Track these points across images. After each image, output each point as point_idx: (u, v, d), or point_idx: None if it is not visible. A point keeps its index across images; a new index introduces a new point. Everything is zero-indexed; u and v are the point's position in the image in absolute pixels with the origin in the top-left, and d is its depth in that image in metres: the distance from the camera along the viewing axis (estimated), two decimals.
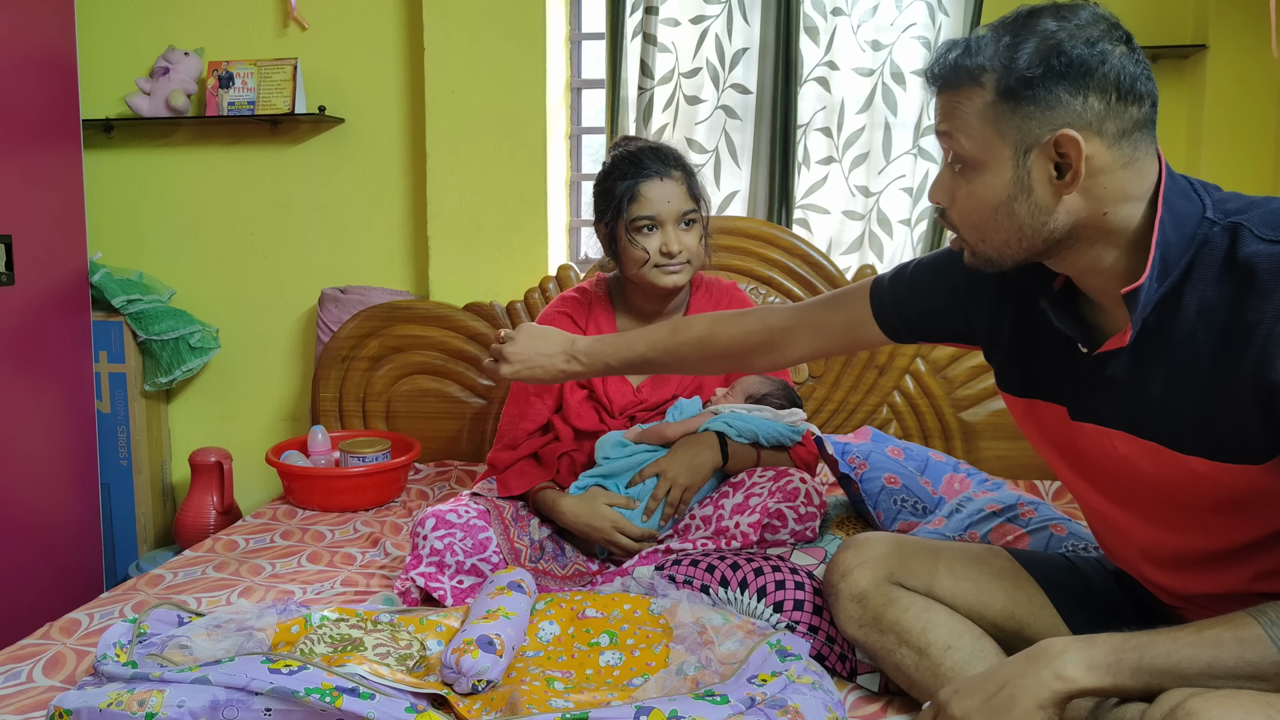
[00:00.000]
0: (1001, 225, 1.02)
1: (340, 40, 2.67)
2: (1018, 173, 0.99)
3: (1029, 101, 0.97)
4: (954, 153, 1.04)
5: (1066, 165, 0.97)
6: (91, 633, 1.54)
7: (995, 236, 1.04)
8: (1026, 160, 0.99)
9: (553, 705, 1.19)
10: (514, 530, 1.73)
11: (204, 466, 2.49)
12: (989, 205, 1.02)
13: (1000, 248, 1.04)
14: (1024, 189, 1.00)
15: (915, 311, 1.29)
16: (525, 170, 2.59)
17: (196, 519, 2.47)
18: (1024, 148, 0.98)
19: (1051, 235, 1.01)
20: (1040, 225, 1.00)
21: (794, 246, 2.43)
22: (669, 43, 2.50)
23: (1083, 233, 1.01)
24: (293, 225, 2.77)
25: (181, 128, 2.76)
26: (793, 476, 1.64)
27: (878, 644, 1.28)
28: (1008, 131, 0.99)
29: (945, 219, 1.09)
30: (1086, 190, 0.98)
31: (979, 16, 2.34)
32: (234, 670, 1.17)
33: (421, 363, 2.56)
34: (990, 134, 1.00)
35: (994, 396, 2.38)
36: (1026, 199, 1.00)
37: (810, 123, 2.50)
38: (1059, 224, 1.00)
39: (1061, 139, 0.96)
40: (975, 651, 1.22)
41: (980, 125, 1.00)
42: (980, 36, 1.02)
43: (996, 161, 1.00)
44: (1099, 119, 0.96)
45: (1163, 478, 1.04)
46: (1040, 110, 0.97)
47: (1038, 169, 0.99)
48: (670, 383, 1.83)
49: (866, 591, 1.29)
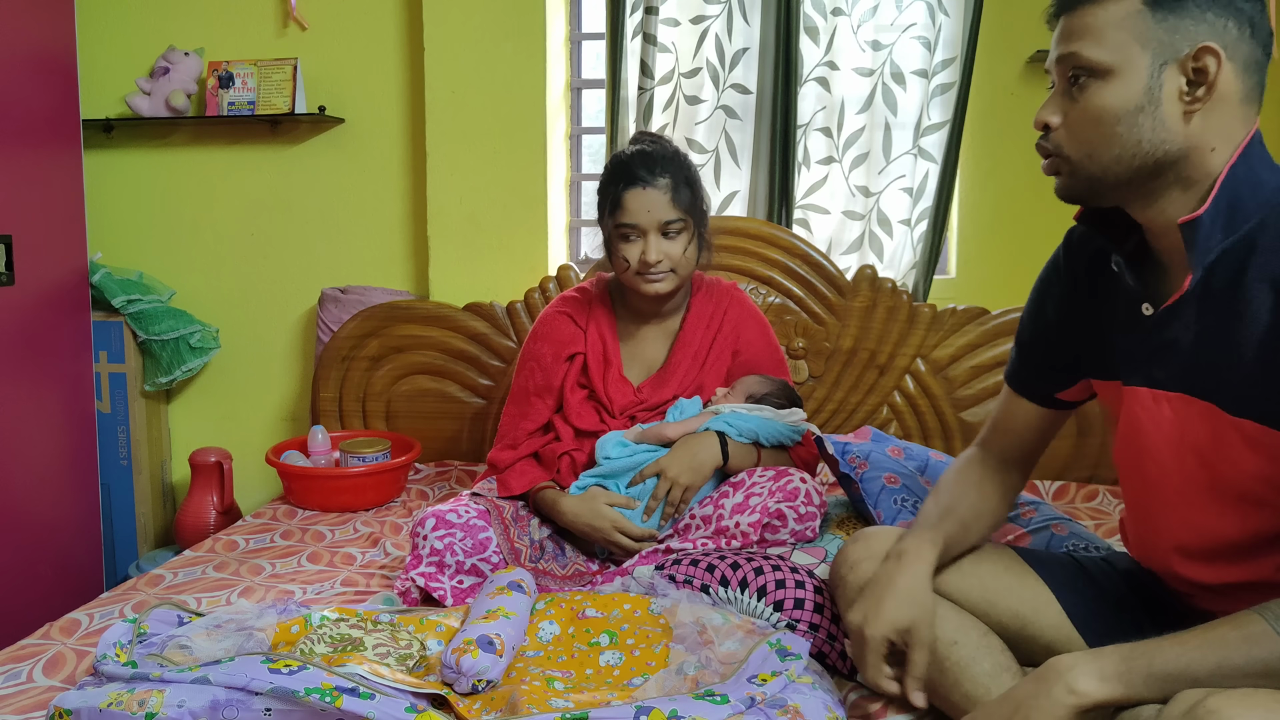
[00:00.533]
0: (1119, 138, 1.04)
1: (340, 40, 2.67)
2: (1150, 83, 1.01)
3: (1178, 14, 1.00)
4: (1076, 67, 1.05)
5: (1200, 81, 1.00)
6: (91, 633, 1.54)
7: (1106, 152, 1.05)
8: (1161, 73, 1.01)
9: (553, 705, 1.19)
10: (514, 530, 1.73)
11: (204, 466, 2.49)
12: (1111, 115, 1.03)
13: (1107, 165, 1.05)
14: (1153, 100, 1.02)
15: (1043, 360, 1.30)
16: (525, 170, 2.59)
17: (196, 519, 2.47)
18: (1162, 59, 1.01)
19: (1164, 158, 1.03)
20: (1157, 143, 1.02)
21: (794, 246, 2.43)
22: (669, 43, 2.50)
23: (1185, 168, 1.03)
24: (293, 225, 2.77)
25: (181, 128, 2.76)
26: (793, 476, 1.64)
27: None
28: (1149, 40, 1.01)
29: (1045, 142, 1.10)
30: (1207, 114, 1.01)
31: (979, 16, 2.34)
32: (234, 670, 1.17)
33: (421, 363, 2.56)
34: (1128, 41, 1.02)
35: (994, 397, 2.37)
36: (1153, 111, 1.02)
37: (810, 123, 2.50)
38: (1173, 146, 1.02)
39: (1203, 51, 0.99)
40: (981, 647, 1.22)
41: (1118, 33, 1.02)
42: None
43: (1131, 70, 1.02)
44: (1234, 44, 1.00)
45: (1212, 445, 1.06)
46: (1188, 23, 1.00)
47: (1170, 83, 1.01)
48: (670, 383, 1.83)
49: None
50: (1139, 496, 1.21)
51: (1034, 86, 2.46)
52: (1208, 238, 1.02)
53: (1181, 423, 1.09)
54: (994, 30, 2.40)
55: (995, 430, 1.37)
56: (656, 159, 1.73)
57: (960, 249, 2.57)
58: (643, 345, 1.86)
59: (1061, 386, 1.31)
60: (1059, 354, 1.28)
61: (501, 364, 2.53)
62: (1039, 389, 1.32)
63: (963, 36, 2.38)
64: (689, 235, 1.74)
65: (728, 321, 1.85)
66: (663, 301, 1.81)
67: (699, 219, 1.77)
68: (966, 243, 2.56)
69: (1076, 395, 1.31)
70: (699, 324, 1.84)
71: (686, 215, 1.72)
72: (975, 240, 2.55)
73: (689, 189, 1.74)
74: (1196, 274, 1.04)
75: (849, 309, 2.42)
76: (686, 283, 1.82)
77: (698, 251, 1.78)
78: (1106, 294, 1.19)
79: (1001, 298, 2.47)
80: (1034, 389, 1.33)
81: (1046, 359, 1.30)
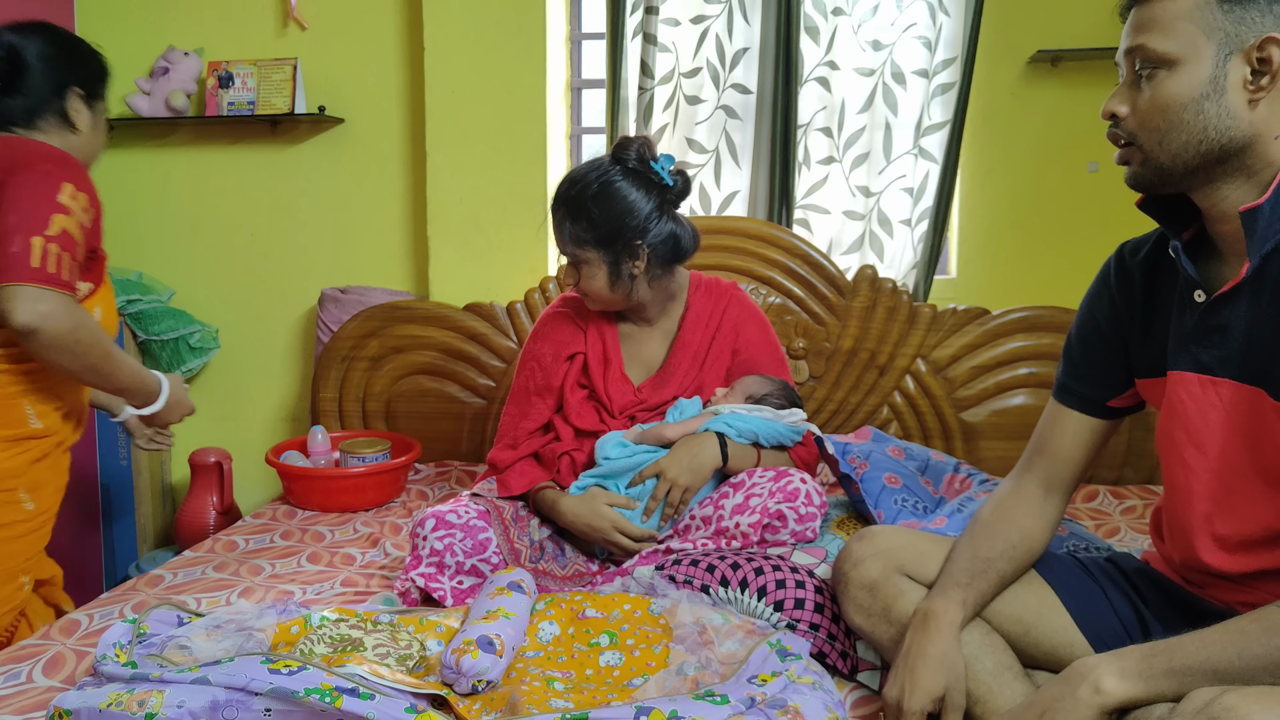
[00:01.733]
0: (1186, 125, 1.07)
1: (340, 40, 2.67)
2: (1216, 72, 1.05)
3: (1244, 5, 1.04)
4: (1144, 59, 1.09)
5: (1265, 70, 1.04)
6: (91, 633, 1.54)
7: (1175, 138, 1.08)
8: (1227, 62, 1.05)
9: (553, 705, 1.19)
10: (514, 530, 1.73)
11: (204, 467, 2.49)
12: (1179, 103, 1.07)
13: (1177, 151, 1.09)
14: (1219, 89, 1.06)
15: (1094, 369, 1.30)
16: (525, 170, 2.59)
17: (196, 519, 2.47)
18: (1228, 49, 1.05)
19: (1229, 145, 1.06)
20: (1224, 129, 1.06)
21: (794, 246, 2.43)
22: (669, 43, 2.50)
23: (1249, 156, 1.07)
24: (293, 225, 2.77)
25: (181, 128, 2.76)
26: (793, 477, 1.64)
27: (885, 634, 1.28)
28: (1215, 31, 1.05)
29: (1117, 131, 1.13)
30: (1272, 102, 1.05)
31: (979, 17, 2.34)
32: (234, 670, 1.17)
33: (421, 363, 2.56)
34: (1195, 32, 1.06)
35: (994, 397, 2.38)
36: (1219, 99, 1.06)
37: (810, 123, 2.50)
38: (1239, 133, 1.06)
39: (1267, 42, 1.03)
40: (983, 646, 1.22)
41: (1186, 24, 1.06)
42: None
43: (1197, 59, 1.06)
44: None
45: (1257, 430, 1.09)
46: (1254, 14, 1.04)
47: (1234, 71, 1.05)
48: (671, 383, 1.83)
49: (877, 581, 1.29)
50: (1178, 480, 1.20)
51: (1034, 86, 2.46)
52: (1268, 226, 1.06)
53: (1228, 408, 1.11)
54: (994, 30, 2.40)
55: (1038, 452, 1.34)
56: (560, 201, 1.75)
57: (960, 249, 2.57)
58: (642, 345, 1.86)
59: (1113, 394, 1.30)
60: (1111, 362, 1.29)
61: (501, 364, 2.53)
62: (1090, 398, 1.31)
63: (963, 36, 2.38)
64: (594, 268, 1.73)
65: (727, 320, 1.85)
66: (634, 310, 1.83)
67: (609, 247, 1.72)
68: (966, 243, 2.56)
69: (1127, 402, 1.30)
70: (698, 323, 1.84)
71: (580, 250, 1.73)
72: (975, 240, 2.55)
73: (588, 224, 1.71)
74: (1254, 262, 1.07)
75: (849, 309, 2.42)
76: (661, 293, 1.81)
77: (612, 279, 1.74)
78: (1159, 292, 1.22)
79: (1001, 298, 2.47)
80: (1085, 399, 1.31)
81: (1098, 368, 1.30)
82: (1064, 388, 1.33)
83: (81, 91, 1.69)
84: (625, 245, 1.72)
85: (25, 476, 1.58)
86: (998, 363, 2.37)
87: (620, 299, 1.78)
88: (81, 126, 1.70)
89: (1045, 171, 2.46)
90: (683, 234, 1.77)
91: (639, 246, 1.72)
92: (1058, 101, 2.45)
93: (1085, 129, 2.44)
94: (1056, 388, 1.35)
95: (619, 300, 1.78)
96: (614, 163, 1.75)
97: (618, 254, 1.73)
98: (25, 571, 1.62)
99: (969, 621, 1.23)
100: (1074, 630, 1.24)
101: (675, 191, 1.76)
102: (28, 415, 1.58)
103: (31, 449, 1.59)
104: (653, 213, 1.72)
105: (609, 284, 1.75)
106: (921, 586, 1.28)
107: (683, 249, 1.78)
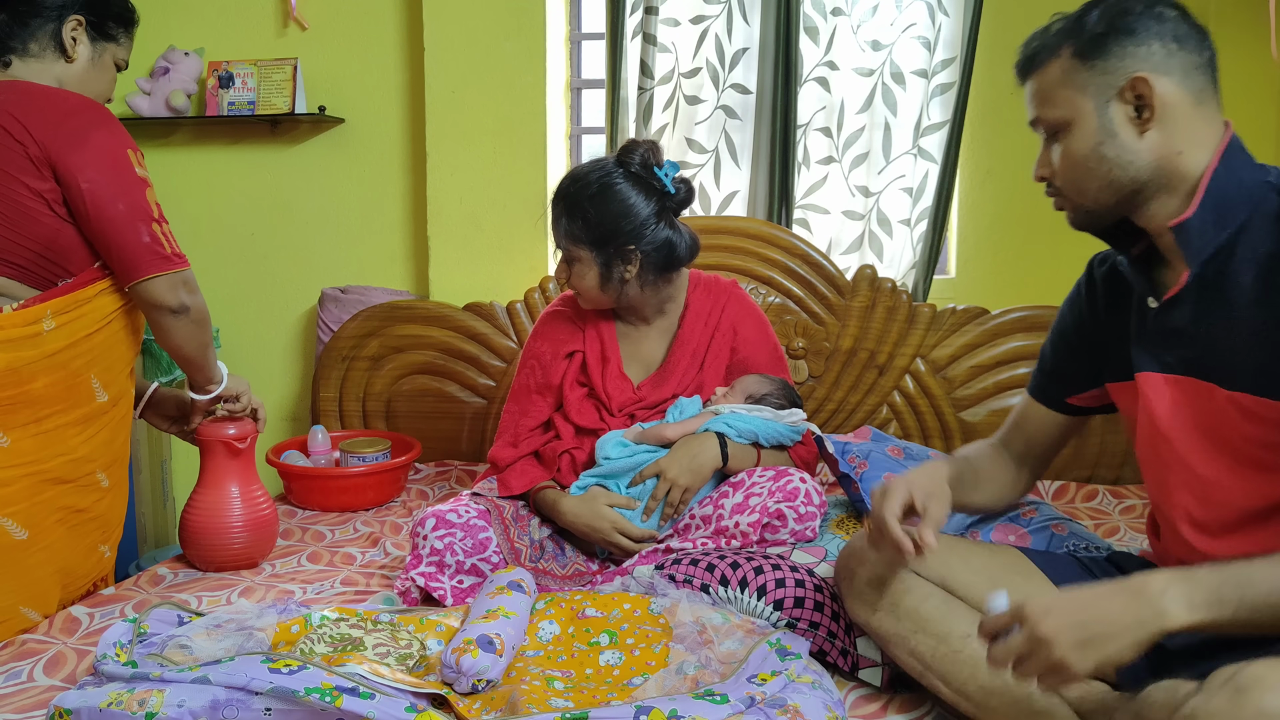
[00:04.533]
0: (1095, 172, 1.16)
1: (340, 40, 2.67)
2: (1102, 120, 1.14)
3: (1101, 56, 1.14)
4: (1046, 126, 1.20)
5: (1144, 104, 1.12)
6: (92, 632, 1.54)
7: (1091, 185, 1.18)
8: (1108, 109, 1.14)
9: (553, 705, 1.19)
10: (514, 530, 1.73)
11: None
12: (1082, 156, 1.16)
13: (1096, 195, 1.18)
14: (1110, 133, 1.14)
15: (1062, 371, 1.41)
16: (525, 170, 2.59)
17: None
18: (1104, 98, 1.14)
19: (1139, 175, 1.15)
20: (1128, 165, 1.14)
21: (794, 246, 2.43)
22: (669, 43, 2.50)
23: (1161, 177, 1.14)
24: (293, 225, 2.77)
25: (181, 128, 2.76)
26: (792, 476, 1.64)
27: (891, 630, 1.28)
28: (1087, 87, 1.15)
29: (1051, 190, 1.24)
30: (1162, 126, 1.13)
31: (979, 17, 2.34)
32: (234, 670, 1.18)
33: (422, 363, 2.56)
34: (1072, 94, 1.16)
35: (994, 396, 2.38)
36: (1114, 142, 1.14)
37: (810, 123, 2.50)
38: (1142, 163, 1.14)
39: (1135, 81, 1.12)
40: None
41: (1063, 89, 1.16)
42: (1053, 23, 1.20)
43: (1082, 116, 1.15)
44: (1164, 60, 1.12)
45: (1214, 421, 1.16)
46: (1114, 62, 1.13)
47: (1118, 114, 1.14)
48: (670, 381, 1.83)
49: (884, 577, 1.29)
50: (1156, 476, 1.26)
51: None
52: (1200, 236, 1.13)
53: (1190, 402, 1.18)
54: (994, 30, 2.40)
55: (1013, 428, 1.48)
56: (560, 196, 1.77)
57: (960, 249, 2.58)
58: (641, 344, 1.86)
59: (1075, 391, 1.40)
60: (1076, 367, 1.38)
61: (502, 364, 2.53)
62: (1053, 395, 1.42)
63: (962, 36, 2.38)
64: (586, 266, 1.74)
65: (726, 319, 1.85)
66: (629, 309, 1.83)
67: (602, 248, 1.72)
68: (966, 243, 2.56)
69: (1089, 402, 1.39)
70: (697, 322, 1.85)
71: (574, 247, 1.75)
72: (975, 240, 2.55)
73: (584, 222, 1.72)
74: (1193, 269, 1.15)
75: (848, 309, 2.42)
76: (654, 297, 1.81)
77: (603, 280, 1.75)
78: (1122, 301, 1.30)
79: (1001, 298, 2.47)
80: (1049, 396, 1.43)
81: (1064, 371, 1.40)
82: (1034, 383, 1.45)
83: (82, 19, 1.61)
84: (618, 248, 1.72)
85: (100, 459, 1.61)
86: (997, 362, 2.37)
87: (609, 299, 1.78)
88: (77, 57, 1.62)
89: None
90: (679, 242, 1.77)
91: (632, 251, 1.72)
92: None
93: None
94: (1030, 383, 1.46)
95: (609, 301, 1.79)
96: (618, 165, 1.75)
97: (610, 256, 1.73)
98: (104, 541, 1.67)
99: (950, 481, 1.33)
100: None
101: (677, 200, 1.77)
102: (95, 390, 1.59)
103: (103, 428, 1.61)
104: (650, 218, 1.72)
105: (599, 284, 1.75)
106: (927, 583, 1.28)
107: (677, 257, 1.78)
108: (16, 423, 1.49)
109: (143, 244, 1.53)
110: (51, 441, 1.53)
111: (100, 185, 1.51)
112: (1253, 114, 2.33)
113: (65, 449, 1.55)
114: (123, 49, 1.70)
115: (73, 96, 1.56)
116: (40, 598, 1.56)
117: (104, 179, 1.52)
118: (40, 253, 1.53)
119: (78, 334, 1.55)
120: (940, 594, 1.27)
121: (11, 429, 1.48)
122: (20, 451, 1.49)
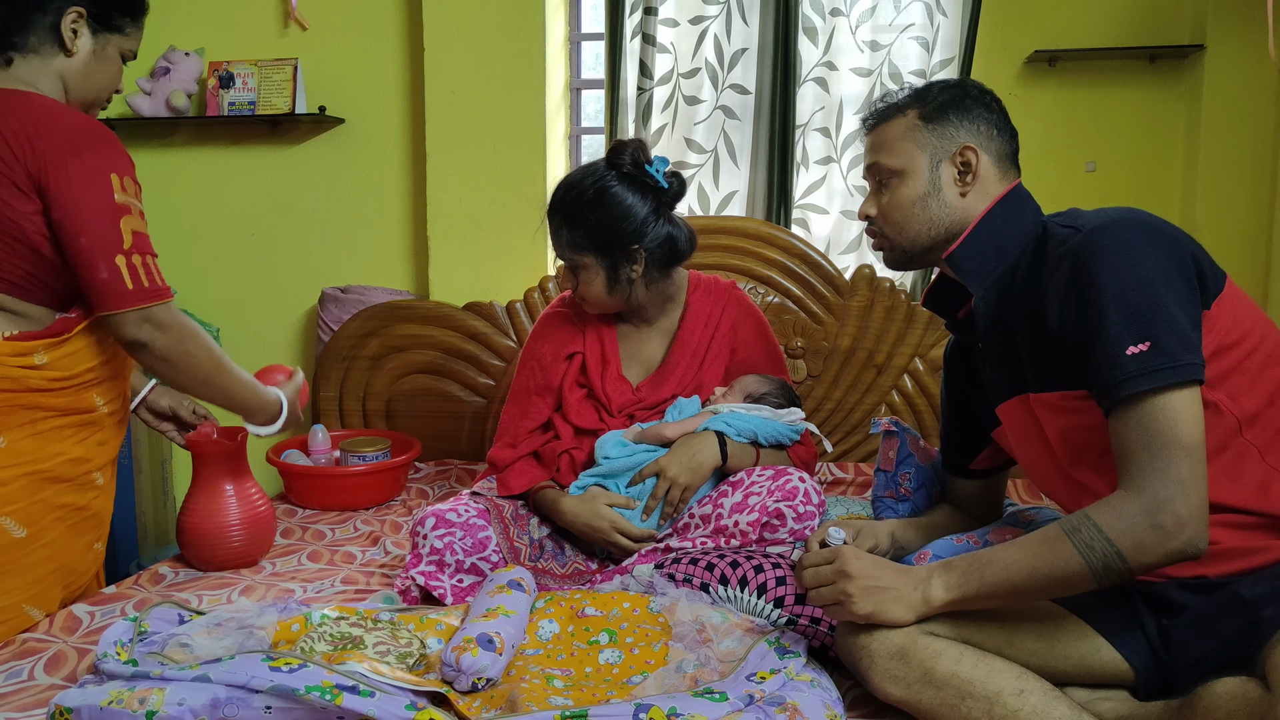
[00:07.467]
0: (917, 218, 1.36)
1: (340, 40, 2.68)
2: (931, 175, 1.34)
3: (942, 123, 1.34)
4: (880, 173, 1.38)
5: (968, 169, 1.33)
6: (92, 631, 1.54)
7: (910, 229, 1.37)
8: (939, 167, 1.34)
9: (552, 703, 1.19)
10: (514, 529, 1.73)
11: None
12: (909, 202, 1.35)
13: (913, 238, 1.37)
14: (936, 188, 1.34)
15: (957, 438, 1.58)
16: (525, 170, 2.59)
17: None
18: (938, 158, 1.34)
19: (952, 227, 1.34)
20: (944, 216, 1.34)
21: (792, 246, 2.44)
22: (668, 43, 2.51)
23: (961, 227, 1.34)
24: (293, 225, 2.77)
25: (182, 128, 2.76)
26: (792, 475, 1.64)
27: (934, 700, 1.16)
28: (926, 145, 1.34)
29: (873, 229, 1.42)
30: (977, 190, 1.34)
31: (977, 17, 2.35)
32: (234, 668, 1.18)
33: (422, 362, 2.57)
34: (912, 148, 1.35)
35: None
36: (938, 196, 1.34)
37: (809, 123, 2.51)
38: (957, 218, 1.34)
39: (965, 149, 1.33)
40: (1049, 694, 1.14)
41: (904, 143, 1.35)
42: (901, 90, 1.41)
43: (915, 169, 1.35)
44: (988, 140, 1.34)
45: (1037, 426, 1.31)
46: (950, 129, 1.34)
47: (945, 173, 1.34)
48: (669, 381, 1.83)
49: (905, 646, 1.19)
50: (1051, 495, 1.40)
51: (1032, 87, 2.46)
52: (969, 263, 1.32)
53: (1032, 418, 1.31)
54: (991, 31, 2.40)
55: (948, 493, 1.66)
56: (555, 207, 1.77)
57: None
58: (641, 344, 1.87)
59: (972, 455, 1.56)
60: (966, 430, 1.54)
61: (501, 363, 2.54)
62: (959, 465, 1.59)
63: (960, 37, 2.39)
64: (592, 273, 1.75)
65: (725, 319, 1.86)
66: (633, 311, 1.83)
67: (607, 253, 1.73)
68: None
69: (987, 462, 1.55)
70: (697, 323, 1.85)
71: (577, 256, 1.74)
72: None
73: (585, 230, 1.72)
74: (976, 293, 1.33)
75: (847, 308, 2.42)
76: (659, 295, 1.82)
77: (610, 283, 1.75)
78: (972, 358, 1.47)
79: None
80: (957, 466, 1.60)
81: (958, 439, 1.57)
82: (943, 459, 1.62)
83: (82, 10, 1.53)
84: (622, 250, 1.72)
85: (96, 459, 1.61)
86: None
87: (618, 302, 1.78)
88: (77, 50, 1.54)
89: (1042, 171, 2.47)
90: (679, 236, 1.78)
91: (636, 251, 1.73)
92: (1055, 102, 2.46)
93: (1082, 129, 2.44)
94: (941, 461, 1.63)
95: (617, 304, 1.79)
96: (609, 168, 1.75)
97: (615, 259, 1.73)
98: (99, 539, 1.68)
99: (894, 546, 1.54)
100: (1091, 632, 1.22)
101: (670, 194, 1.77)
102: (97, 404, 1.60)
103: (99, 430, 1.62)
104: (649, 216, 1.73)
105: (607, 288, 1.76)
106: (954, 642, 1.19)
107: (679, 251, 1.79)
108: (13, 424, 1.49)
109: (99, 280, 1.46)
110: (49, 442, 1.53)
111: (69, 216, 1.45)
112: (1252, 114, 2.34)
113: (62, 449, 1.55)
114: (129, 40, 1.62)
115: (70, 116, 1.51)
116: (42, 596, 1.56)
117: (74, 208, 1.46)
118: (32, 271, 1.51)
119: (76, 367, 1.55)
120: (972, 651, 1.18)
121: (8, 429, 1.48)
122: (18, 451, 1.50)
